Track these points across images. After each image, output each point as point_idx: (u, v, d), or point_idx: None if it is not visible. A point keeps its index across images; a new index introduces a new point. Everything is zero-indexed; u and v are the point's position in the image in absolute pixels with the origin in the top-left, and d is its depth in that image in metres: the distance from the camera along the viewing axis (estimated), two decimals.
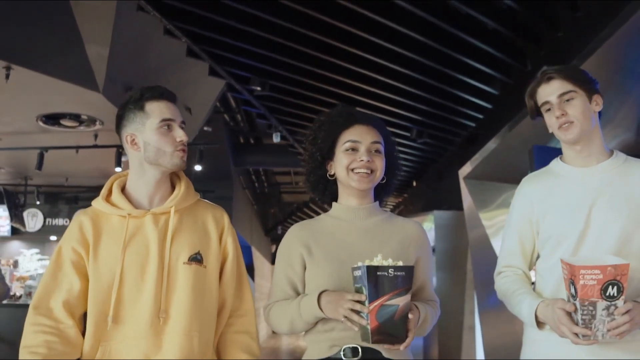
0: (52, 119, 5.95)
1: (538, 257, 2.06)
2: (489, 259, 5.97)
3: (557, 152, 2.09)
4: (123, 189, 1.95)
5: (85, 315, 1.86)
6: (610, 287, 1.69)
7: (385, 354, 1.82)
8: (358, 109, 2.08)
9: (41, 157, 6.51)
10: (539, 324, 1.89)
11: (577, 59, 3.88)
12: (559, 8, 4.31)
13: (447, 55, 5.01)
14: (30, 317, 1.82)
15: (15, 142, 6.72)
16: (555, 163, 2.05)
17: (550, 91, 1.95)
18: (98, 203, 1.93)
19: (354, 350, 1.82)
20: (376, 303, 1.67)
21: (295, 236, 1.96)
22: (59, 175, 8.78)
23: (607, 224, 1.88)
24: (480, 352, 7.21)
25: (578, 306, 1.72)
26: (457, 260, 7.83)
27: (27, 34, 4.37)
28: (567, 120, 1.92)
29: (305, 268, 1.92)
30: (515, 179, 2.12)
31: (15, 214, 8.76)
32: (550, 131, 2.02)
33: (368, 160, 1.89)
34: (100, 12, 4.34)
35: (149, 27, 4.53)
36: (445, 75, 5.49)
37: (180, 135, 1.89)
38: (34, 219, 10.51)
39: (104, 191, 1.94)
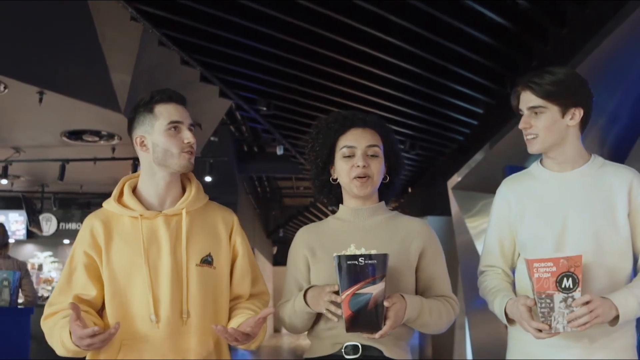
0: (75, 135, 6.38)
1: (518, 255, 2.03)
2: (474, 262, 6.29)
3: None
4: (134, 190, 1.92)
5: (98, 313, 1.86)
6: (565, 279, 1.68)
7: (386, 353, 1.80)
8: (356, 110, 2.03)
9: (63, 169, 6.92)
10: (509, 320, 1.89)
11: None
12: (532, 41, 4.81)
13: (437, 81, 5.54)
14: (45, 312, 1.85)
15: (37, 154, 7.13)
16: (535, 166, 2.02)
17: (523, 100, 1.93)
18: (109, 204, 1.90)
19: (355, 348, 1.80)
20: (348, 292, 1.65)
21: (301, 239, 1.97)
22: (74, 183, 9.10)
23: (583, 228, 1.86)
24: (469, 351, 7.43)
25: (536, 299, 1.71)
26: (449, 263, 7.92)
27: (59, 63, 4.83)
28: (530, 133, 1.91)
29: (309, 269, 1.92)
30: (495, 190, 2.16)
31: (33, 219, 9.01)
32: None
33: (364, 166, 1.86)
34: (125, 46, 4.82)
35: (167, 58, 5.03)
36: (436, 98, 6.00)
37: (187, 137, 1.86)
38: (48, 224, 10.83)
39: (115, 192, 1.92)
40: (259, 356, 12.81)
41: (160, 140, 1.85)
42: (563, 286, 1.69)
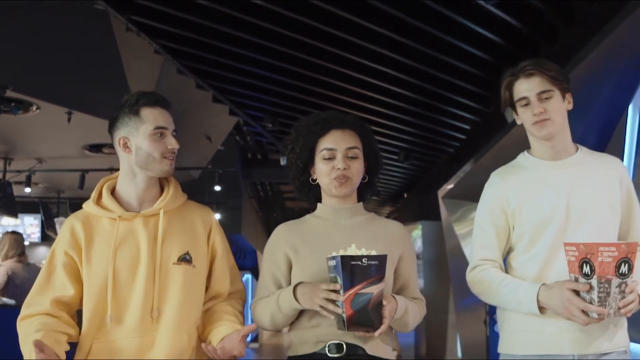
0: (95, 147, 6.87)
1: (509, 251, 2.00)
2: (462, 264, 6.54)
3: None
4: (113, 191, 1.91)
5: (77, 313, 1.86)
6: (623, 264, 1.66)
7: (368, 351, 1.79)
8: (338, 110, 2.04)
9: (82, 179, 7.37)
10: (540, 308, 1.82)
11: None
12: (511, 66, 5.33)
13: (430, 103, 6.11)
14: (22, 312, 1.82)
15: (57, 164, 7.63)
16: (524, 158, 2.01)
17: (529, 87, 1.89)
18: (89, 206, 1.89)
19: (339, 346, 1.79)
20: (351, 292, 1.65)
21: (281, 236, 1.93)
22: (88, 189, 9.52)
23: (586, 212, 1.87)
24: (459, 349, 7.79)
25: (594, 284, 1.67)
26: (442, 264, 8.32)
27: (86, 88, 5.28)
28: (545, 118, 1.88)
29: (290, 267, 1.89)
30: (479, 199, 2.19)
31: (50, 224, 9.25)
32: (519, 122, 1.99)
33: (344, 168, 1.86)
34: (146, 73, 5.30)
35: (183, 83, 5.55)
36: (427, 116, 6.56)
37: (172, 143, 1.85)
38: (61, 227, 11.27)
39: (94, 194, 1.90)
40: (260, 355, 13.18)
41: (144, 144, 1.83)
42: (620, 271, 1.67)
